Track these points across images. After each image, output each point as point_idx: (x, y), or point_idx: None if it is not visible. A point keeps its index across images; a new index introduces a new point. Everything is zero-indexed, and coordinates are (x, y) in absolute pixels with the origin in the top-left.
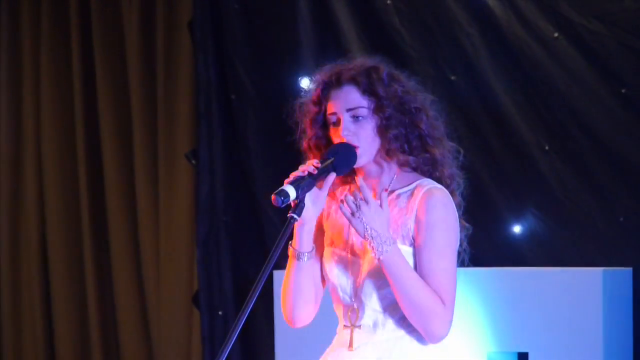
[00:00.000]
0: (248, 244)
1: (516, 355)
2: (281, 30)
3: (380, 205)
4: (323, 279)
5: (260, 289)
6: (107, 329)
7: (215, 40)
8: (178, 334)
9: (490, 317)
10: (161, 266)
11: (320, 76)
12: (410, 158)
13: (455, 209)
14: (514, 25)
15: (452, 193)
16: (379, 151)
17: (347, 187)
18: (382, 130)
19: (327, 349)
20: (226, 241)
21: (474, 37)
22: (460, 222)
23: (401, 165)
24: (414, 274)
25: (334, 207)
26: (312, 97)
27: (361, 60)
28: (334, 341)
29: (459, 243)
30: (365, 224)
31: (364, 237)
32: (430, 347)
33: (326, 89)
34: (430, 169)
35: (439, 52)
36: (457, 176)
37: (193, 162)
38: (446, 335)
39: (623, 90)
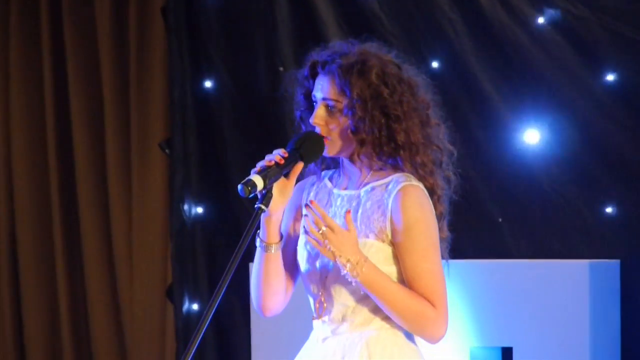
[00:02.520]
0: (223, 236)
1: (500, 350)
2: (258, 16)
3: (348, 227)
4: (297, 267)
5: (228, 282)
6: (78, 324)
7: (189, 26)
8: (152, 328)
9: (473, 311)
10: (134, 259)
11: (314, 55)
12: (380, 162)
13: (431, 203)
14: (498, 10)
15: (434, 203)
16: (347, 147)
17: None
18: (350, 131)
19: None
20: (201, 233)
21: (456, 22)
22: (441, 231)
23: (370, 165)
24: (395, 286)
25: (312, 194)
26: (303, 72)
27: (360, 50)
28: (312, 332)
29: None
30: (335, 252)
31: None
32: (402, 341)
33: (313, 70)
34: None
35: (420, 38)
36: (444, 182)
37: (167, 151)
38: (444, 335)
39: (609, 77)
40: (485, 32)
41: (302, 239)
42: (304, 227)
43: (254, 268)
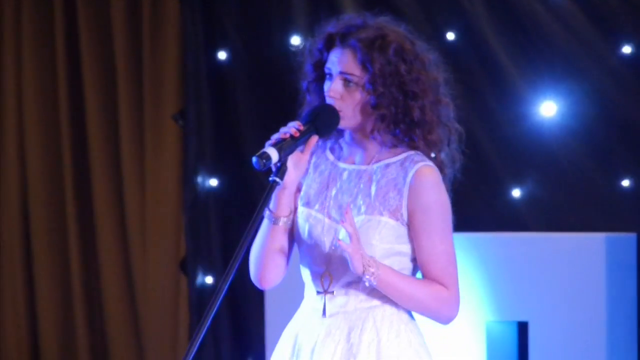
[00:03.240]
0: (237, 208)
1: (516, 325)
2: None
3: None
4: (293, 239)
5: (242, 254)
6: (91, 298)
7: None
8: (165, 301)
9: (489, 285)
10: (147, 232)
11: (330, 27)
12: (395, 139)
13: (444, 185)
14: None
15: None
16: (361, 124)
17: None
18: (368, 107)
19: (296, 314)
20: (215, 205)
21: None
22: None
23: (384, 141)
24: (408, 278)
25: (314, 163)
26: (317, 43)
27: (377, 24)
28: (303, 306)
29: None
30: (363, 255)
31: (361, 269)
32: (407, 318)
33: (329, 42)
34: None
35: (436, 9)
36: (450, 161)
37: (180, 123)
38: (456, 315)
39: (626, 49)
40: (501, 3)
41: (303, 212)
42: (321, 208)
43: (258, 238)
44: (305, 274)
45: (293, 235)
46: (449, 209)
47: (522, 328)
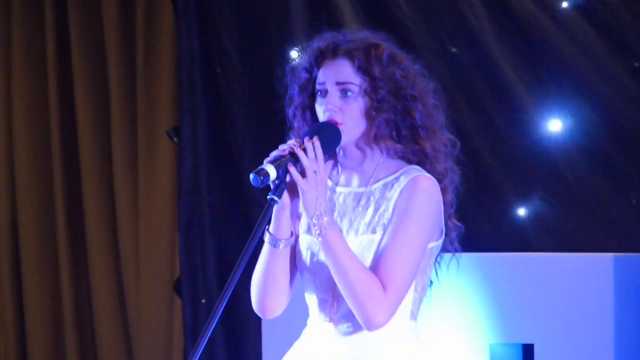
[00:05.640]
0: (234, 228)
1: (521, 347)
2: (270, 0)
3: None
4: (296, 267)
5: (239, 276)
6: (83, 319)
7: (199, 9)
8: (159, 323)
9: (494, 307)
10: (141, 251)
11: (316, 43)
12: (398, 147)
13: (441, 202)
14: None
15: (444, 190)
16: (363, 135)
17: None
18: (371, 113)
19: (297, 343)
20: (210, 224)
21: (477, 6)
22: (451, 220)
23: (387, 152)
24: (354, 257)
25: None
26: (304, 63)
27: (363, 35)
28: (306, 334)
29: (433, 239)
30: (318, 197)
31: (313, 214)
32: (413, 344)
33: (320, 57)
34: (418, 161)
35: (439, 23)
36: (450, 172)
37: (175, 140)
38: (383, 323)
39: (636, 64)
40: (507, 17)
41: (304, 239)
42: (305, 224)
43: (259, 264)
44: (310, 301)
45: (295, 263)
46: (431, 223)
47: (528, 350)
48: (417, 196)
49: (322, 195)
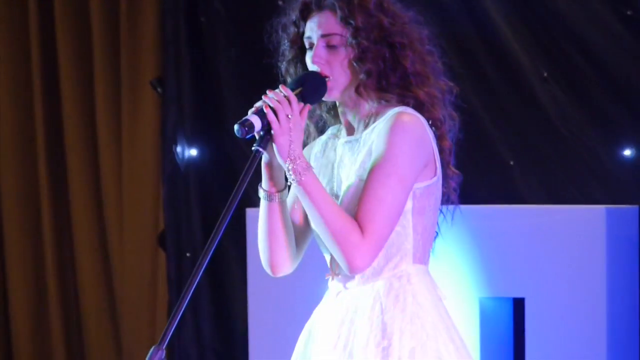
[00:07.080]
0: (219, 180)
1: (511, 301)
2: None
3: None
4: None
5: (223, 229)
6: (65, 273)
7: None
8: (142, 277)
9: (483, 260)
10: (124, 204)
11: None
12: (390, 95)
13: (426, 139)
14: None
15: (442, 137)
16: (352, 84)
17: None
18: (355, 63)
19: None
20: (195, 177)
21: None
22: (449, 168)
23: (380, 100)
24: (330, 200)
25: (319, 148)
26: (291, 17)
27: None
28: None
29: (423, 178)
30: (292, 142)
31: (286, 158)
32: (417, 289)
33: (305, 11)
34: (415, 108)
35: None
36: (448, 118)
37: (159, 90)
38: (363, 267)
39: (629, 12)
40: None
41: None
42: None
43: (259, 221)
44: (326, 257)
45: (307, 220)
46: (412, 161)
47: (518, 304)
48: (393, 132)
49: (296, 140)
